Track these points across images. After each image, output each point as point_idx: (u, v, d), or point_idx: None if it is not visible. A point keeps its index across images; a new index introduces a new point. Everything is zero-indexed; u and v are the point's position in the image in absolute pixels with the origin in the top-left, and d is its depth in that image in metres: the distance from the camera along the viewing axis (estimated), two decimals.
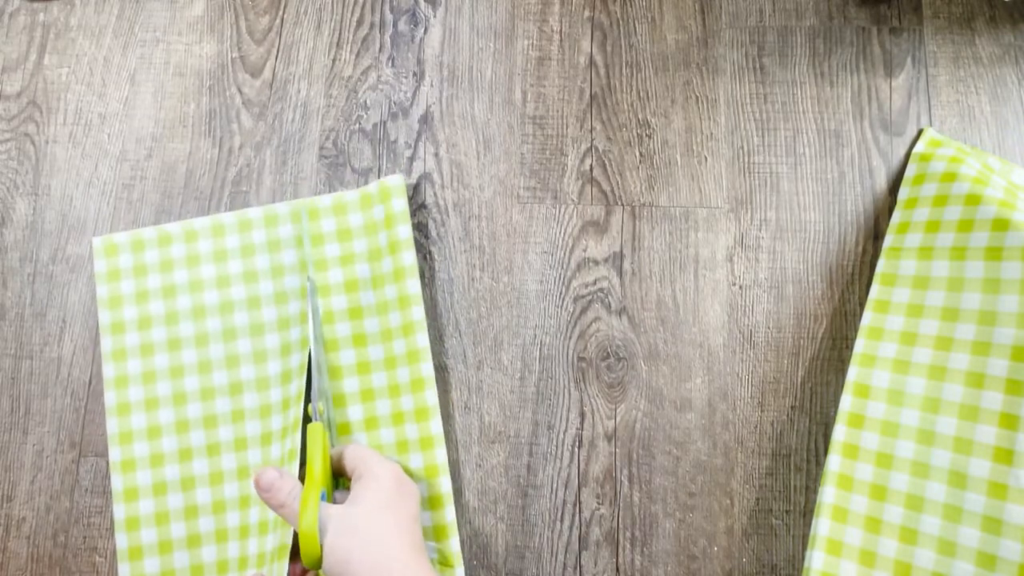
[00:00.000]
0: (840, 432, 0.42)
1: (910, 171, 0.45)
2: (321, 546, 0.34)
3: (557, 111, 0.48)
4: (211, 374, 0.44)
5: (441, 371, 0.45)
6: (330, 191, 0.48)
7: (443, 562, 0.41)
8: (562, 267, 0.46)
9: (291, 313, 0.45)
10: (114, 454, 0.44)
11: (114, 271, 0.46)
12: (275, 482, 0.37)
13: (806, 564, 0.40)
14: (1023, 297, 0.37)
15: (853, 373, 0.42)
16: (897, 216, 0.44)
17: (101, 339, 0.45)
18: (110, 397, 0.44)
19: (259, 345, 0.45)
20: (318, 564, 0.35)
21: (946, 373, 0.40)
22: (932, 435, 0.39)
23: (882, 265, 0.44)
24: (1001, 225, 0.39)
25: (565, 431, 0.44)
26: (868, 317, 0.43)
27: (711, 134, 0.47)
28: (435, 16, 0.50)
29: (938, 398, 0.40)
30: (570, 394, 0.44)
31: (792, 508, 0.42)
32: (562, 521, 0.43)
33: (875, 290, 0.43)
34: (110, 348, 0.45)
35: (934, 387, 0.40)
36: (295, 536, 0.38)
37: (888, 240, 0.44)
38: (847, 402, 0.42)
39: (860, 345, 0.43)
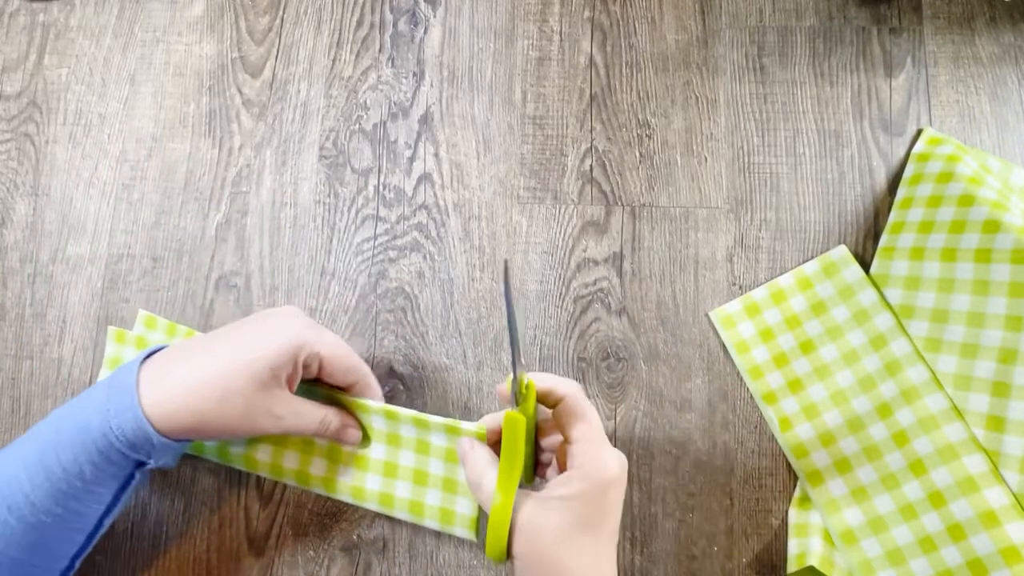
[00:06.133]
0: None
1: (908, 171, 0.45)
2: (509, 546, 0.31)
3: (557, 111, 0.48)
4: None
5: (441, 371, 0.45)
6: (330, 191, 0.48)
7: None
8: (562, 267, 0.46)
9: None
10: None
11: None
12: (467, 454, 0.35)
13: (799, 551, 0.40)
14: (1011, 300, 0.37)
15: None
16: (893, 216, 0.44)
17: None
18: None
19: None
20: (501, 558, 0.32)
21: (935, 376, 0.40)
22: None
23: (875, 266, 0.44)
24: (991, 227, 0.38)
25: None
26: None
27: (711, 134, 0.47)
28: (435, 16, 0.50)
29: None
30: None
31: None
32: None
33: None
34: None
35: None
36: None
37: (883, 240, 0.44)
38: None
39: None
